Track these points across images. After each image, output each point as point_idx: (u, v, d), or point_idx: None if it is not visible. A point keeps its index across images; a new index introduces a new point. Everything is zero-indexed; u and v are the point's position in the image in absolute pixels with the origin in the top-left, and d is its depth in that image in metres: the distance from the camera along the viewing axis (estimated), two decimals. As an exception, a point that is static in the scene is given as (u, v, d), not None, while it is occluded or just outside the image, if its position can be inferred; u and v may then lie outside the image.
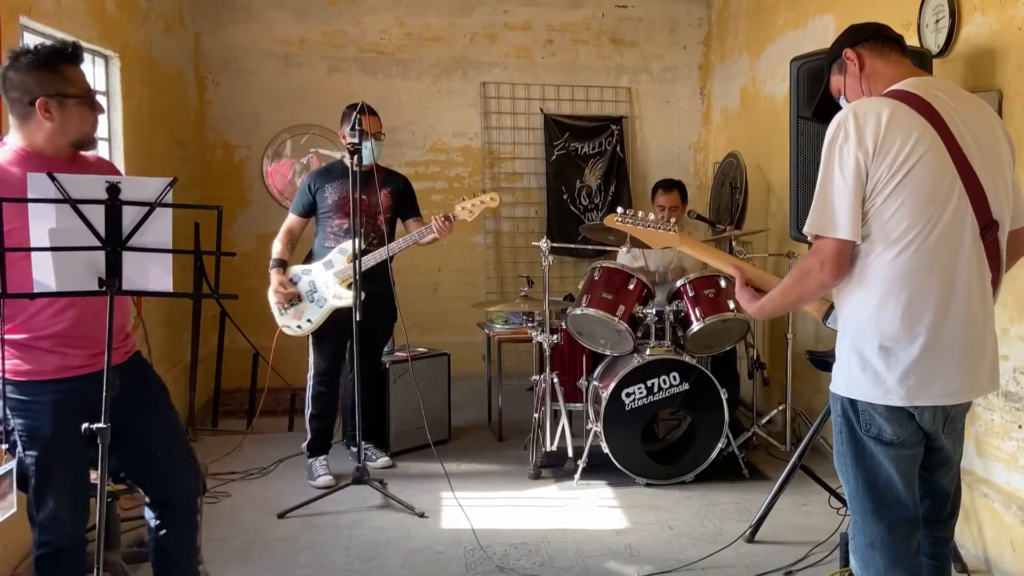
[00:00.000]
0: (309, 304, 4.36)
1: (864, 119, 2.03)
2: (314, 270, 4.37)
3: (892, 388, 2.07)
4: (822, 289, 2.15)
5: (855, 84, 2.26)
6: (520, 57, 6.52)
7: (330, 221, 4.40)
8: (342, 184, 4.34)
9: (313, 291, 4.35)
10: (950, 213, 2.05)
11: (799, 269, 2.16)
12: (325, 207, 4.39)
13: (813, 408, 4.78)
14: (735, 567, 3.40)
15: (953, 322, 2.07)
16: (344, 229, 4.33)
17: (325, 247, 4.39)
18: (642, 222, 2.53)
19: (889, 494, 2.15)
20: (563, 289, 6.07)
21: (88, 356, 2.39)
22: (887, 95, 2.12)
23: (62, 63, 2.31)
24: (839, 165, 2.05)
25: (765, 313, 2.30)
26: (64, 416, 2.33)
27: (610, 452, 4.20)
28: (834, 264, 2.07)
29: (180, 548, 2.64)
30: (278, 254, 4.40)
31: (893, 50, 2.24)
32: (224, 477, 4.38)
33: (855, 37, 2.28)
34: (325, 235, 4.42)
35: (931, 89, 2.11)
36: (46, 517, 2.37)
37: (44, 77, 2.29)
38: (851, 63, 2.25)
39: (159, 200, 2.10)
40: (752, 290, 2.32)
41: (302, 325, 4.37)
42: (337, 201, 4.36)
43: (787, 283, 2.20)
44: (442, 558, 3.50)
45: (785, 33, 5.35)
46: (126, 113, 4.63)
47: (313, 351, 4.46)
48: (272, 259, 4.39)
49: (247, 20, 6.17)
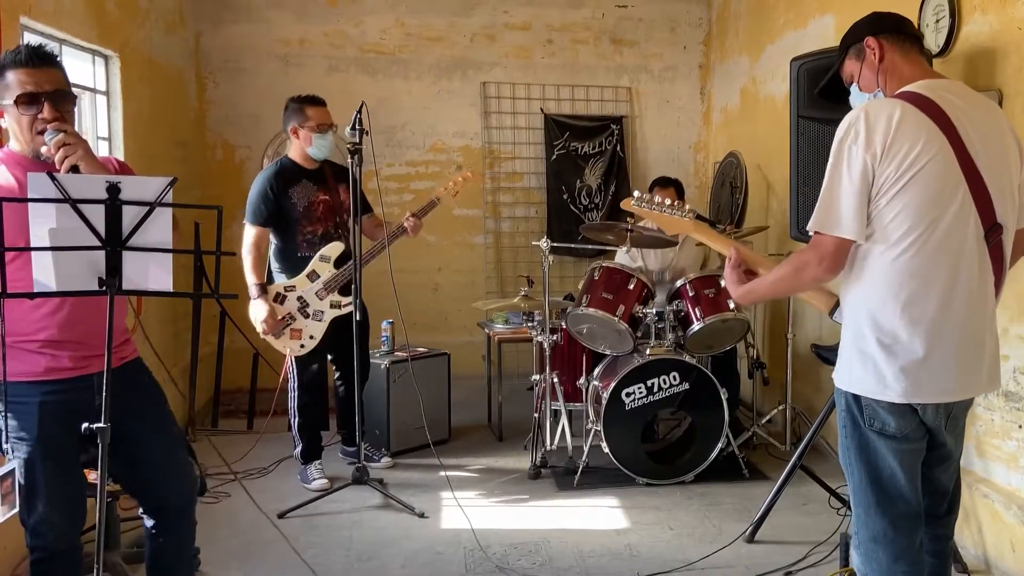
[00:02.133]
0: (306, 320, 4.16)
1: (875, 120, 2.04)
2: (298, 285, 4.16)
3: (892, 384, 2.09)
4: (815, 284, 2.19)
5: (871, 75, 2.24)
6: (520, 57, 6.52)
7: (300, 229, 4.17)
8: (304, 187, 4.18)
9: (305, 307, 4.16)
10: (953, 216, 2.06)
11: (795, 262, 2.17)
12: (294, 214, 4.15)
13: (813, 408, 4.78)
14: (735, 567, 3.40)
15: (953, 322, 2.08)
16: (320, 235, 4.18)
17: (300, 257, 4.18)
18: (658, 207, 2.53)
19: (893, 488, 2.16)
20: (563, 289, 6.08)
21: (78, 359, 2.37)
22: (899, 96, 2.12)
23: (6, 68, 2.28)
24: (847, 165, 2.06)
25: (751, 298, 2.33)
26: (52, 418, 2.31)
27: (610, 452, 4.20)
28: (833, 261, 2.09)
29: (175, 554, 2.63)
30: (257, 279, 4.10)
31: (914, 47, 2.23)
32: (224, 477, 4.38)
33: (879, 26, 2.24)
34: (296, 244, 4.18)
35: (943, 92, 2.11)
36: (36, 520, 2.35)
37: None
38: (871, 52, 2.23)
39: (159, 200, 2.10)
40: (742, 273, 2.33)
41: (305, 344, 4.18)
42: (308, 206, 4.17)
43: (781, 274, 2.22)
44: (442, 558, 3.50)
45: (785, 33, 5.35)
46: (126, 113, 4.63)
47: (296, 364, 4.27)
48: (253, 286, 4.10)
49: (247, 20, 6.17)
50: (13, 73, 2.27)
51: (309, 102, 4.20)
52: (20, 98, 2.26)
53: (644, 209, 2.55)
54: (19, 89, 2.27)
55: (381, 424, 4.74)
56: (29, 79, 2.27)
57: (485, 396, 5.42)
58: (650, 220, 2.62)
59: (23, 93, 2.27)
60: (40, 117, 2.28)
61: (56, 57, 2.36)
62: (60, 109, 2.31)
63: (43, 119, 2.28)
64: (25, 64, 2.27)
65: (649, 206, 2.55)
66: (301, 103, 4.19)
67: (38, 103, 2.27)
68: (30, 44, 2.36)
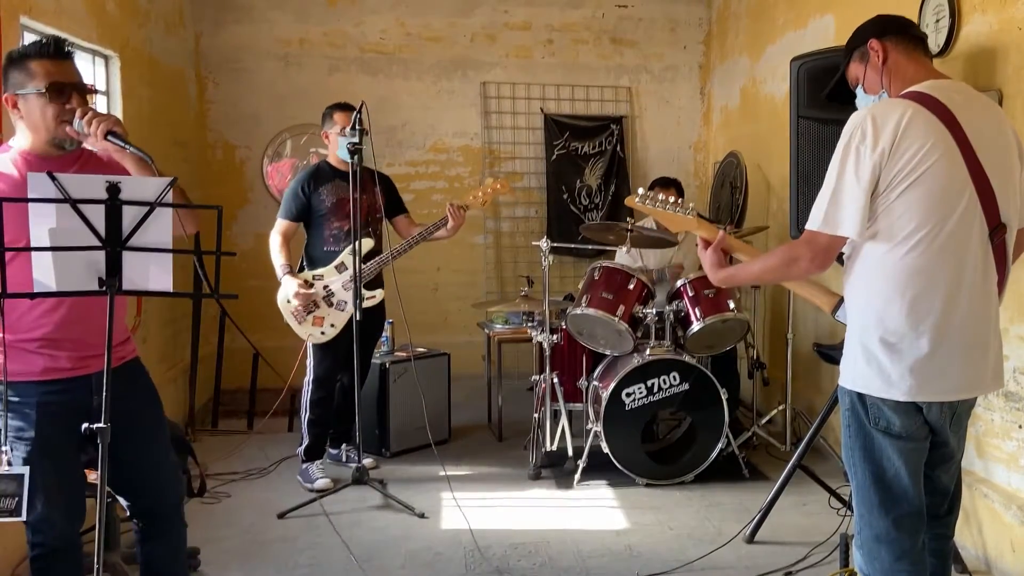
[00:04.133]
0: (329, 309, 4.25)
1: (882, 121, 2.04)
2: (326, 275, 4.26)
3: (897, 383, 2.10)
4: (802, 278, 2.23)
5: (875, 76, 2.25)
6: (520, 57, 6.53)
7: (328, 224, 4.30)
8: (336, 185, 4.29)
9: (330, 295, 4.25)
10: (959, 215, 2.07)
11: (786, 256, 2.18)
12: (323, 210, 4.29)
13: (813, 408, 4.78)
14: (735, 567, 3.40)
15: (958, 321, 2.09)
16: (345, 231, 4.26)
17: (325, 251, 4.30)
18: (661, 204, 2.54)
19: (897, 488, 2.16)
20: (563, 289, 6.08)
21: (76, 359, 2.37)
22: (905, 96, 2.12)
23: (30, 58, 2.30)
24: (854, 165, 2.06)
25: (732, 282, 2.34)
26: (50, 418, 2.31)
27: (610, 452, 4.20)
28: (826, 258, 2.12)
29: (167, 559, 2.63)
30: (286, 259, 4.26)
31: (917, 48, 2.24)
32: (224, 477, 4.38)
33: (882, 28, 2.25)
34: (323, 239, 4.31)
35: (949, 92, 2.12)
36: (36, 518, 2.35)
37: (12, 73, 2.31)
38: (875, 54, 2.24)
39: (159, 200, 2.10)
40: (722, 255, 2.34)
41: (326, 331, 4.24)
42: (336, 203, 4.28)
43: (770, 264, 2.23)
44: (442, 559, 3.50)
45: (785, 33, 5.35)
46: (126, 113, 4.63)
47: (314, 357, 4.34)
48: (281, 265, 4.24)
49: (247, 20, 6.17)
50: (39, 64, 2.29)
51: (337, 108, 4.36)
52: (52, 86, 2.28)
53: (647, 206, 2.56)
54: (47, 79, 2.29)
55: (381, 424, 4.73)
56: (56, 70, 2.30)
57: (485, 396, 5.42)
58: (653, 217, 2.63)
59: (54, 82, 2.29)
60: (68, 107, 2.31)
61: (73, 53, 2.39)
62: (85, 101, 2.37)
63: (71, 108, 2.31)
64: (53, 55, 2.31)
65: (652, 203, 2.55)
66: (331, 109, 4.36)
67: (67, 93, 2.30)
68: (55, 37, 2.38)
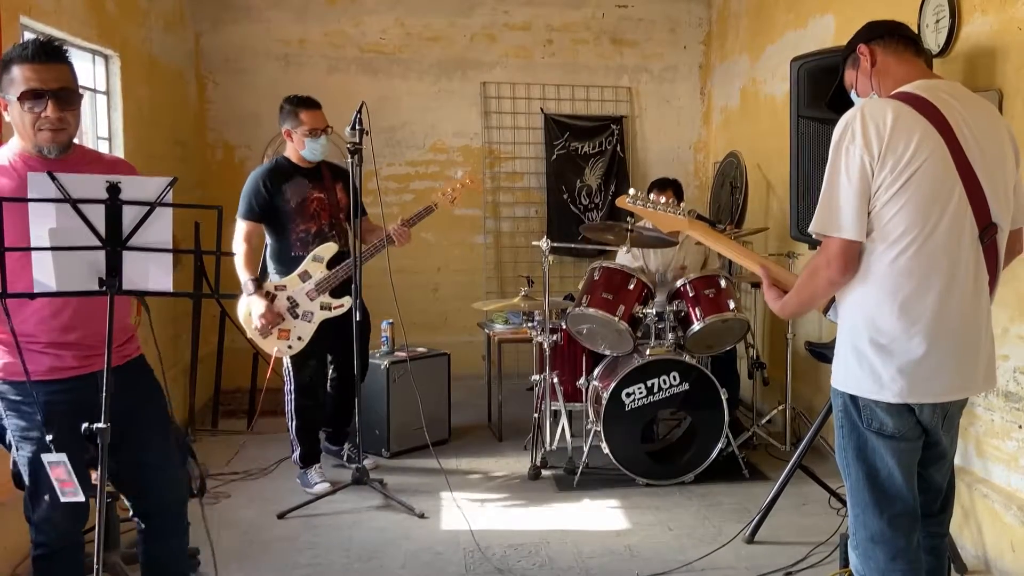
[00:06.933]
0: (296, 321, 4.06)
1: (870, 120, 2.05)
2: (289, 285, 4.07)
3: (889, 385, 2.10)
4: (831, 286, 2.16)
5: (865, 80, 2.28)
6: (520, 57, 6.53)
7: (293, 227, 4.10)
8: (298, 184, 4.11)
9: (295, 307, 4.07)
10: (950, 216, 2.07)
11: (810, 267, 2.19)
12: (287, 210, 4.08)
13: (813, 408, 4.78)
14: (735, 567, 3.40)
15: (950, 322, 2.09)
16: (313, 233, 4.11)
17: (293, 256, 4.10)
18: (652, 204, 2.55)
19: (890, 488, 2.17)
20: (563, 289, 6.07)
21: (81, 358, 2.37)
22: (894, 97, 2.13)
23: (13, 62, 2.24)
24: (845, 165, 2.07)
25: (787, 312, 2.32)
26: (56, 417, 2.31)
27: (610, 452, 4.20)
28: (840, 262, 2.10)
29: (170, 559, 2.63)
30: (251, 274, 4.00)
31: (908, 49, 2.25)
32: (224, 477, 4.38)
33: (870, 33, 2.29)
34: (290, 243, 4.10)
35: (938, 92, 2.13)
36: (40, 517, 2.36)
37: (1, 76, 2.26)
38: (863, 59, 2.27)
39: (159, 200, 2.09)
40: (778, 289, 2.33)
41: (293, 345, 4.08)
42: (300, 203, 4.09)
43: (800, 281, 2.23)
44: (441, 559, 3.50)
45: (785, 33, 5.35)
46: (126, 113, 4.63)
47: (293, 366, 4.17)
48: (247, 281, 3.99)
49: (247, 20, 6.17)
50: (19, 68, 2.23)
51: (303, 105, 4.10)
52: (25, 95, 2.22)
53: (639, 207, 2.56)
54: (24, 85, 2.22)
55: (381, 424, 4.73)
56: (34, 75, 2.22)
57: (485, 396, 5.41)
58: (645, 218, 2.63)
59: (28, 90, 2.22)
60: (44, 116, 2.24)
61: (65, 52, 2.31)
62: (65, 108, 2.27)
63: (46, 118, 2.24)
64: (31, 60, 2.22)
65: (643, 204, 2.56)
66: (295, 106, 4.10)
67: (42, 101, 2.23)
68: (39, 39, 2.32)
